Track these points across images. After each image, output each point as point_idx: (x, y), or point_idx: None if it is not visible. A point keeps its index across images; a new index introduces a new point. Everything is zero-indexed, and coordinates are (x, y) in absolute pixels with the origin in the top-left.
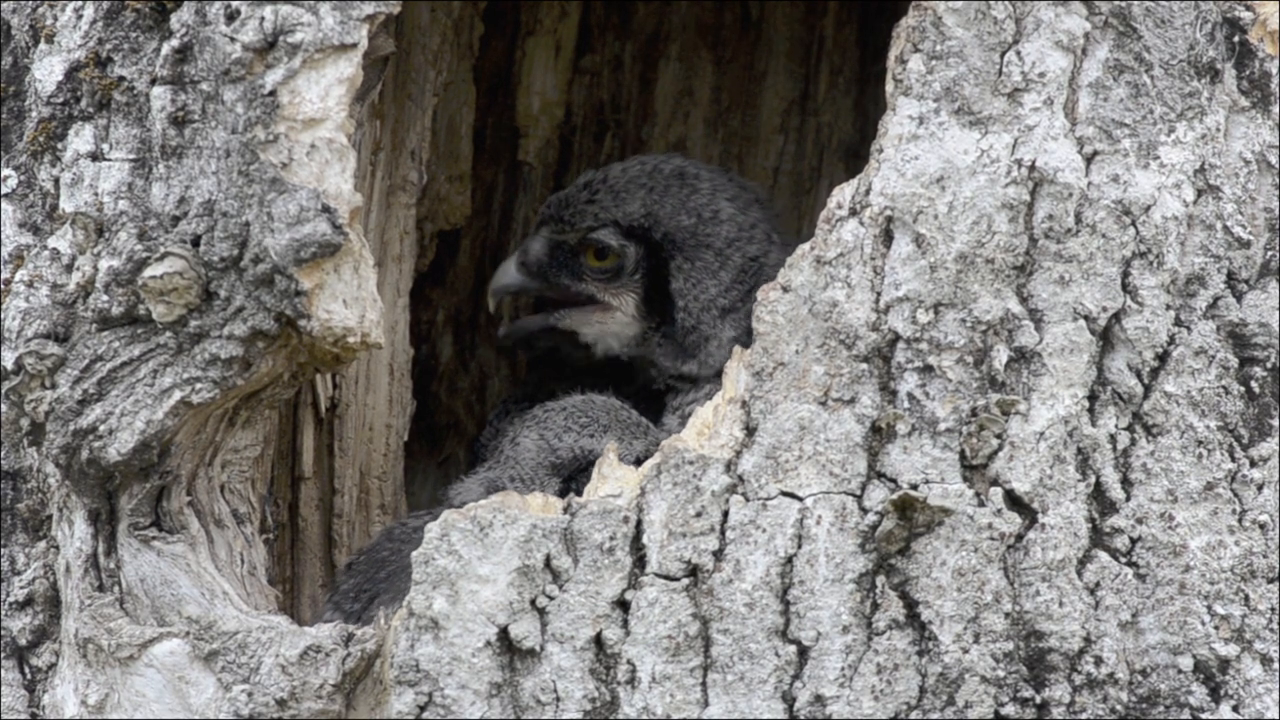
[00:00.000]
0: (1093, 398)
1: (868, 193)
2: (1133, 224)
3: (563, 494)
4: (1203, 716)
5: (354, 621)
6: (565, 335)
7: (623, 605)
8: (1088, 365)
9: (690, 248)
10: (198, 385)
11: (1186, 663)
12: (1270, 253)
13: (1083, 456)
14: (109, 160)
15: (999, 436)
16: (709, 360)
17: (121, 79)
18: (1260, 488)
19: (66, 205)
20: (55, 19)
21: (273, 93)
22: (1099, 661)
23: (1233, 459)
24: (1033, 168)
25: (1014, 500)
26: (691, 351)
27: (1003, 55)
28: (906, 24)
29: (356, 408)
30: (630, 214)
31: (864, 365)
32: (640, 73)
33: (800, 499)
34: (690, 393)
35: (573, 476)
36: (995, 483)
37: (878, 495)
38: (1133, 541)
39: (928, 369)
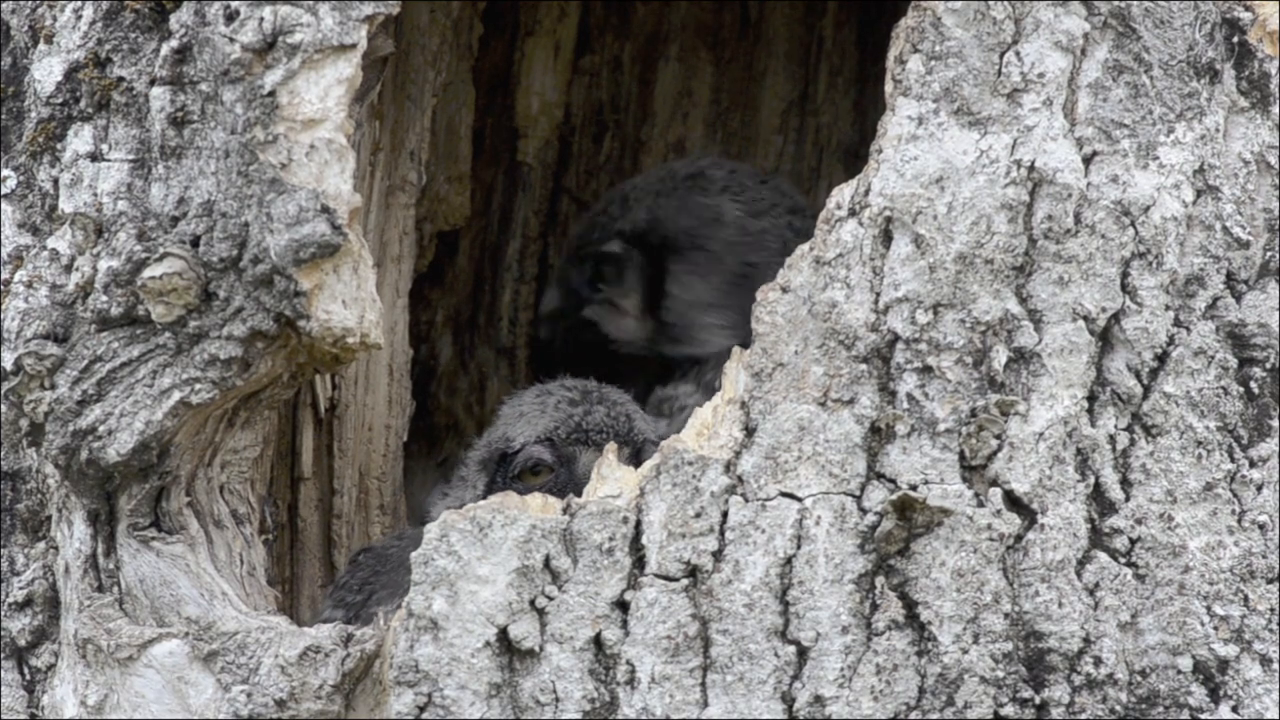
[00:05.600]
0: (1092, 398)
1: (867, 193)
2: (1132, 224)
3: (489, 488)
4: (1202, 717)
5: (353, 613)
6: (591, 327)
7: (622, 606)
8: (1087, 366)
9: (685, 249)
10: (197, 386)
11: (1186, 663)
12: (1269, 253)
13: (1082, 457)
14: (108, 161)
15: (998, 437)
16: (696, 354)
17: (121, 79)
18: (1259, 488)
19: (66, 206)
20: (54, 19)
21: (272, 93)
22: (1098, 662)
23: (1232, 459)
24: (1032, 168)
25: (1013, 501)
26: (680, 347)
27: (1002, 56)
28: (906, 24)
29: (356, 408)
30: (635, 220)
31: (863, 366)
32: (639, 73)
33: (799, 499)
34: (672, 386)
35: (499, 468)
36: (994, 483)
37: (877, 496)
38: (1132, 542)
39: (927, 369)
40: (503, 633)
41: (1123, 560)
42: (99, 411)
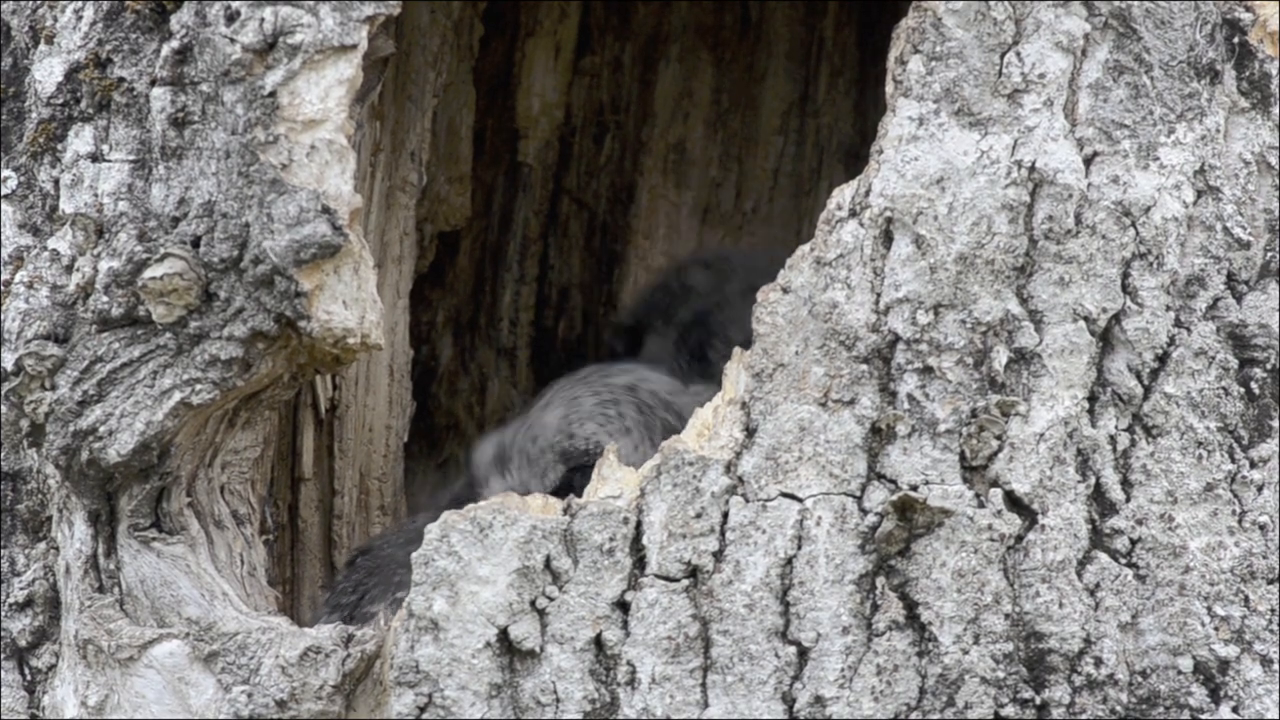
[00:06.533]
0: (1092, 399)
1: (867, 194)
2: (1132, 225)
3: (566, 484)
4: (1202, 717)
5: (347, 614)
6: None
7: (623, 606)
8: (1088, 366)
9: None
10: (197, 386)
11: (1186, 664)
12: (1270, 254)
13: (1082, 458)
14: (109, 161)
15: (999, 438)
16: None
17: (121, 80)
18: (1260, 489)
19: (66, 206)
20: (55, 20)
21: (272, 94)
22: (1099, 662)
23: (1233, 460)
24: (1033, 169)
25: (1014, 501)
26: None
27: (1002, 56)
28: (906, 25)
29: (356, 409)
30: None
31: (864, 366)
32: (640, 74)
33: (800, 500)
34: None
35: (580, 468)
36: (995, 484)
37: (878, 496)
38: (1133, 543)
39: (928, 370)
40: (503, 633)
41: (1123, 561)
42: (99, 412)
